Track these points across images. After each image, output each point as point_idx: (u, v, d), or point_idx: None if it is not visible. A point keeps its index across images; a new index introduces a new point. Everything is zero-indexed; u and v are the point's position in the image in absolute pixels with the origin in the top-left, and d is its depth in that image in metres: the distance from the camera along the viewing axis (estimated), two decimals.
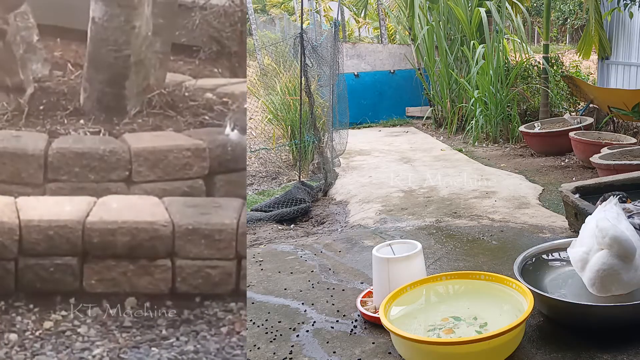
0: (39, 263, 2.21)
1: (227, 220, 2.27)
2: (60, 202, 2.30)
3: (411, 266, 2.60)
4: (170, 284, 2.26)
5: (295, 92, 7.42)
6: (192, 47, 3.09)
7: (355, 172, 6.46)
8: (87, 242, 2.22)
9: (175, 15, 2.84)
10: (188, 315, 2.22)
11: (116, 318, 2.20)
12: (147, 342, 2.08)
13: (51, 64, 2.78)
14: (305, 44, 5.81)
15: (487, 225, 4.00)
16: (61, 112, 2.64)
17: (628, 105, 6.34)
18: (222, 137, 2.57)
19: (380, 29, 12.98)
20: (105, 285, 2.24)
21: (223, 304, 2.27)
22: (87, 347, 2.05)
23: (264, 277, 3.29)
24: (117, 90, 2.59)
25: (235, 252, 2.28)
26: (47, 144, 2.43)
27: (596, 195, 3.52)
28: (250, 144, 7.71)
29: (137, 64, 2.56)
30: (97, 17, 2.48)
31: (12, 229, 2.19)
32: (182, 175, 2.47)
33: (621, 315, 2.27)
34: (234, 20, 2.99)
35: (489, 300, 2.46)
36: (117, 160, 2.42)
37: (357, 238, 3.94)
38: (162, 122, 2.66)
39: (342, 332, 2.55)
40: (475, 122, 7.78)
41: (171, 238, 2.25)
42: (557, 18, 16.58)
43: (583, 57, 8.46)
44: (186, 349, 2.06)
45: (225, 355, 2.06)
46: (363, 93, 10.05)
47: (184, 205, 2.32)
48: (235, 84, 2.93)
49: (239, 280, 2.28)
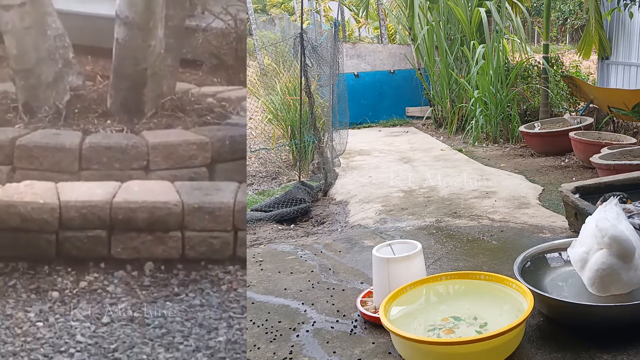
0: (75, 235, 2.72)
1: (225, 200, 2.76)
2: (92, 186, 2.82)
3: (411, 266, 2.60)
4: (180, 251, 2.75)
5: (295, 92, 7.42)
6: (197, 62, 3.74)
7: (355, 172, 6.46)
8: (113, 218, 2.72)
9: (182, 36, 3.42)
10: (195, 276, 2.71)
11: (137, 279, 2.69)
12: (162, 298, 2.57)
13: (84, 76, 3.37)
14: (305, 44, 5.81)
15: (487, 225, 4.00)
16: (92, 114, 3.21)
17: (628, 105, 6.34)
18: (221, 133, 3.08)
19: (380, 29, 12.98)
20: (128, 252, 2.74)
21: (223, 266, 2.76)
22: (115, 302, 2.54)
23: (264, 277, 3.29)
24: (137, 97, 3.16)
25: (233, 225, 2.76)
26: (81, 139, 2.98)
27: (596, 195, 3.52)
28: (250, 144, 7.71)
29: (152, 75, 3.14)
30: (120, 38, 3.06)
31: (53, 208, 2.70)
32: (189, 164, 3.01)
33: (621, 315, 2.27)
34: (230, 39, 3.70)
35: (489, 300, 2.46)
36: (137, 152, 2.97)
37: (357, 238, 3.94)
38: (173, 121, 3.20)
39: (342, 332, 2.55)
40: (475, 122, 7.78)
41: (181, 214, 2.73)
42: (557, 18, 16.57)
43: (583, 57, 8.47)
44: (193, 303, 2.55)
45: (225, 307, 2.52)
46: (363, 93, 10.04)
47: (191, 188, 2.83)
48: (231, 91, 3.53)
49: (236, 248, 2.78)
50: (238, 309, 2.50)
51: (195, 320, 2.43)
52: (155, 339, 2.31)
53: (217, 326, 2.40)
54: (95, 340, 2.30)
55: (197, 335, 2.34)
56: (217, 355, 2.24)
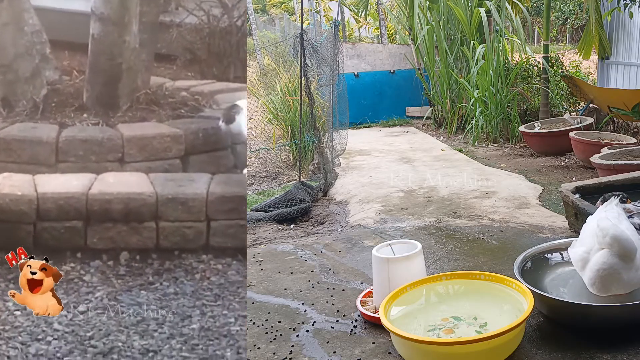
0: (52, 226, 2.77)
1: (198, 191, 2.84)
2: (69, 178, 2.87)
3: (411, 266, 2.60)
4: (155, 241, 2.81)
5: (295, 92, 7.42)
6: (171, 56, 3.81)
7: (355, 172, 6.46)
8: (89, 209, 2.77)
9: (157, 31, 3.46)
10: (169, 265, 2.77)
11: (113, 268, 2.74)
12: (137, 286, 2.62)
13: (60, 70, 3.39)
14: (305, 44, 5.81)
15: (487, 225, 3.99)
16: (69, 108, 3.23)
17: (628, 105, 6.34)
18: (194, 126, 3.16)
19: (380, 29, 12.99)
20: (104, 242, 2.79)
21: (196, 256, 2.82)
22: (91, 291, 2.59)
23: (264, 277, 3.29)
24: (112, 91, 3.20)
25: (206, 215, 2.82)
26: (58, 133, 3.01)
27: (596, 195, 3.52)
28: (250, 144, 7.71)
29: (127, 70, 3.19)
30: (96, 34, 3.10)
31: (31, 200, 2.75)
32: (163, 156, 3.07)
33: (621, 315, 2.27)
34: (203, 34, 3.78)
35: (489, 300, 2.46)
36: (113, 145, 3.01)
37: (357, 238, 3.94)
38: (148, 115, 3.24)
39: (342, 332, 2.55)
40: (475, 122, 7.77)
41: (155, 205, 2.80)
42: (557, 18, 16.58)
43: (583, 57, 8.46)
44: (168, 292, 2.60)
45: (198, 295, 2.58)
46: (363, 93, 10.04)
47: (165, 180, 2.90)
48: (204, 85, 3.62)
49: (209, 237, 2.84)
50: (211, 297, 2.57)
51: (170, 308, 2.49)
52: (130, 326, 2.38)
53: (191, 314, 2.46)
54: (72, 328, 2.35)
55: (171, 322, 2.41)
56: (191, 342, 2.31)
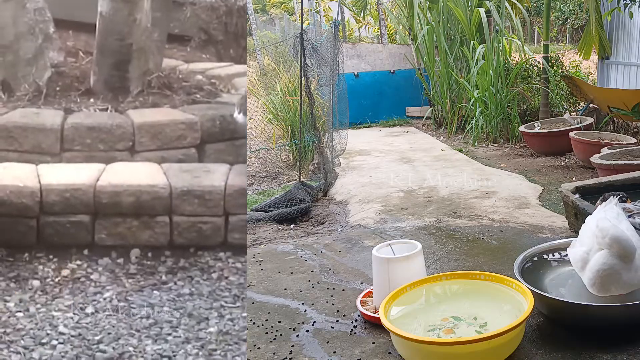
0: (57, 220, 2.59)
1: (215, 183, 2.64)
2: (75, 169, 2.69)
3: (411, 266, 2.60)
4: (168, 237, 2.63)
5: (295, 92, 7.42)
6: (184, 37, 3.56)
7: (355, 172, 6.46)
8: (97, 202, 2.59)
9: (170, 9, 3.28)
10: (184, 264, 2.60)
11: (123, 266, 2.57)
12: (149, 286, 2.45)
13: (65, 52, 3.18)
14: (305, 44, 5.81)
15: (487, 225, 3.99)
16: (74, 93, 3.03)
17: (628, 105, 6.34)
18: (211, 112, 2.94)
19: (380, 29, 12.98)
20: (113, 238, 2.62)
21: (213, 253, 2.64)
22: (99, 291, 2.41)
23: (264, 277, 3.29)
24: (122, 74, 3.00)
25: (224, 209, 2.64)
26: (62, 119, 2.81)
27: (596, 195, 3.51)
28: (250, 144, 7.71)
29: (138, 51, 2.97)
30: (104, 12, 2.89)
31: (34, 191, 2.56)
32: (177, 145, 2.86)
33: (621, 315, 2.26)
34: (219, 13, 3.50)
35: (489, 300, 2.45)
36: (122, 132, 2.81)
37: (357, 238, 3.94)
38: (160, 100, 3.04)
39: (342, 332, 2.55)
40: (475, 122, 7.78)
41: (169, 198, 2.61)
42: (557, 18, 16.58)
43: (583, 57, 8.46)
44: (182, 292, 2.43)
45: (216, 296, 2.42)
46: (363, 93, 10.04)
47: (179, 171, 2.70)
48: (221, 67, 3.38)
49: (227, 234, 2.66)
50: (230, 298, 2.39)
51: (185, 310, 2.32)
52: (142, 329, 2.21)
53: (208, 316, 2.31)
54: (78, 331, 2.19)
55: (186, 325, 2.25)
56: (208, 346, 2.15)
